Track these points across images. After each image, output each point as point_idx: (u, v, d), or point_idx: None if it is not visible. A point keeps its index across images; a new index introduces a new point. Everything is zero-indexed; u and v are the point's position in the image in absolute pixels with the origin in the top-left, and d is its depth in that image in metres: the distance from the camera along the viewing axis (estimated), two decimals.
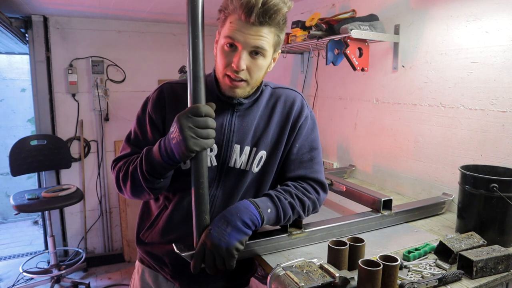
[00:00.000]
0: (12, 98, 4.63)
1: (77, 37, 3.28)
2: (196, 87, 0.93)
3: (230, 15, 0.98)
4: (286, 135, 1.15)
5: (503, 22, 1.42)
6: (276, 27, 1.00)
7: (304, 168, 1.17)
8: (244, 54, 0.98)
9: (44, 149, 3.15)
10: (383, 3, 1.96)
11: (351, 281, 0.92)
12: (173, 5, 2.78)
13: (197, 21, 0.90)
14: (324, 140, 2.53)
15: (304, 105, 1.20)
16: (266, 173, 1.16)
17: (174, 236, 1.13)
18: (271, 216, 1.05)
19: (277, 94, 1.18)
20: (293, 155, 1.17)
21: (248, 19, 0.94)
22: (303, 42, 2.07)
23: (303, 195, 1.12)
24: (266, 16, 0.95)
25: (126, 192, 1.10)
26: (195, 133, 0.90)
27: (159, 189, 1.06)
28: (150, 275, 1.24)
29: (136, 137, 1.14)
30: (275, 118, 1.15)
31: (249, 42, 0.97)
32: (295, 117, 1.17)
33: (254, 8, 0.93)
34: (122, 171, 1.08)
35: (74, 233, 3.54)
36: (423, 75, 1.77)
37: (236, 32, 0.96)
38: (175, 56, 3.63)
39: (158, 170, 0.99)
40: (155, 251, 1.17)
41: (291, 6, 1.01)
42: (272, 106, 1.16)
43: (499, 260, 1.05)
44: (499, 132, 1.46)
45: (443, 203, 1.59)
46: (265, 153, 1.14)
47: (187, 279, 1.16)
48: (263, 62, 1.02)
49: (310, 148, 1.19)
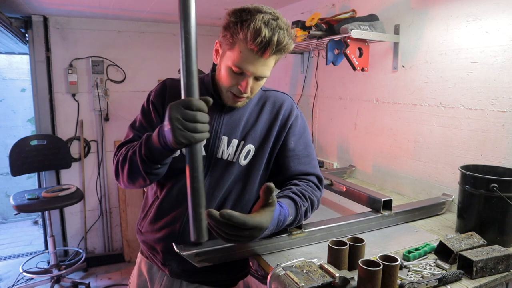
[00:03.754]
0: (12, 98, 4.63)
1: (77, 37, 3.29)
2: (188, 82, 0.92)
3: (240, 42, 1.02)
4: (275, 133, 1.21)
5: (503, 22, 1.42)
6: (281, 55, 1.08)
7: (304, 164, 1.22)
8: (250, 80, 1.07)
9: (44, 149, 3.15)
10: (383, 3, 1.96)
11: (351, 281, 0.92)
12: (173, 5, 2.78)
13: (188, 16, 0.90)
14: (324, 140, 2.53)
15: (294, 106, 1.26)
16: (254, 168, 1.20)
17: (162, 223, 1.19)
18: (289, 222, 1.08)
19: (267, 95, 1.25)
20: (291, 151, 1.21)
21: (261, 55, 1.01)
22: (303, 42, 2.07)
23: (313, 195, 1.16)
24: (277, 51, 1.03)
25: (122, 177, 1.12)
26: (182, 125, 0.90)
27: (156, 175, 1.08)
28: (146, 265, 1.31)
29: (140, 123, 1.19)
30: (264, 116, 1.21)
31: (257, 72, 1.05)
32: (285, 116, 1.22)
33: (269, 48, 1.00)
34: (122, 155, 1.11)
35: (74, 233, 3.54)
36: (423, 75, 1.77)
37: (247, 64, 1.03)
38: (175, 56, 3.63)
39: (155, 156, 1.01)
40: (148, 240, 1.23)
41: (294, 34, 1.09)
42: (262, 105, 1.23)
43: (499, 260, 1.05)
44: (499, 132, 1.46)
45: (443, 203, 1.59)
46: (253, 147, 1.19)
47: (176, 266, 1.20)
48: (263, 82, 1.13)
49: (305, 145, 1.24)
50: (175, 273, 1.22)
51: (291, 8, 2.78)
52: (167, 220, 1.18)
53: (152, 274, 1.28)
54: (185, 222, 1.16)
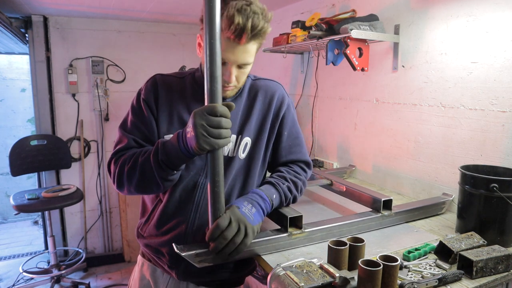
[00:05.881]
0: (12, 98, 4.63)
1: (77, 37, 3.29)
2: (212, 87, 0.95)
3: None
4: (269, 123, 1.24)
5: (503, 22, 1.42)
6: (260, 40, 1.09)
7: (294, 153, 1.29)
8: (233, 69, 1.08)
9: (44, 149, 3.15)
10: (383, 3, 1.96)
11: (351, 281, 0.92)
12: (173, 5, 2.78)
13: (213, 22, 0.93)
14: (324, 140, 2.53)
15: (285, 95, 1.29)
16: (253, 160, 1.22)
17: (168, 226, 1.18)
18: (276, 201, 1.17)
19: (257, 85, 1.27)
20: (284, 142, 1.27)
21: (238, 41, 1.02)
22: (303, 42, 2.07)
23: (295, 177, 1.24)
24: (254, 37, 1.04)
25: (129, 186, 1.10)
26: (207, 132, 0.93)
27: (171, 181, 1.09)
28: (149, 268, 1.28)
29: (133, 124, 1.17)
30: (257, 107, 1.23)
31: (239, 60, 1.06)
32: (277, 106, 1.25)
33: (244, 33, 1.01)
34: (129, 164, 1.09)
35: (74, 233, 3.54)
36: (423, 75, 1.77)
37: (227, 53, 1.04)
38: (175, 56, 3.63)
39: (173, 161, 1.02)
40: (153, 243, 1.21)
41: (271, 17, 1.09)
42: (254, 97, 1.24)
43: (499, 260, 1.05)
44: (499, 132, 1.46)
45: (443, 203, 1.59)
46: (250, 139, 1.21)
47: (183, 269, 1.19)
48: (248, 69, 1.14)
49: (297, 133, 1.30)
50: (182, 275, 1.20)
51: (291, 8, 2.78)
52: (173, 222, 1.17)
53: (156, 278, 1.26)
54: (191, 223, 1.16)
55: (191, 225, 1.16)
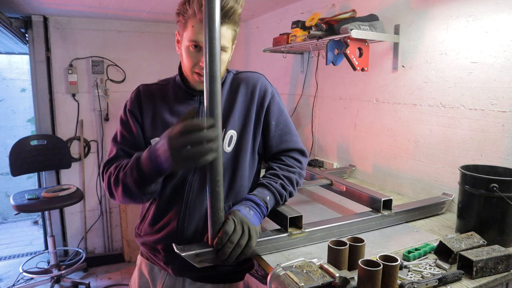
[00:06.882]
0: (12, 98, 4.63)
1: (77, 37, 3.29)
2: (212, 87, 0.95)
3: (190, 19, 1.08)
4: (253, 114, 1.23)
5: (503, 22, 1.42)
6: (233, 24, 1.11)
7: (285, 142, 1.27)
8: None
9: (44, 149, 3.15)
10: (383, 3, 1.96)
11: (351, 281, 0.92)
12: (173, 5, 2.77)
13: (213, 23, 0.93)
14: (324, 140, 2.53)
15: (267, 84, 1.28)
16: (240, 152, 1.21)
17: (161, 223, 1.21)
18: (271, 202, 1.17)
19: (239, 78, 1.27)
20: (273, 132, 1.26)
21: None
22: (303, 42, 2.07)
23: (288, 172, 1.22)
24: (224, 18, 1.05)
25: (117, 197, 1.14)
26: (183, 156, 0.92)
27: (151, 193, 1.11)
28: (147, 266, 1.31)
29: (122, 136, 1.22)
30: (239, 99, 1.23)
31: None
32: (261, 96, 1.24)
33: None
34: (113, 176, 1.12)
35: (74, 233, 3.54)
36: (423, 75, 1.77)
37: (199, 35, 1.05)
38: (175, 56, 3.61)
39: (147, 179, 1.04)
40: (149, 241, 1.24)
41: (243, 3, 1.11)
42: (235, 89, 1.24)
43: (499, 260, 1.05)
44: (499, 132, 1.46)
45: (443, 203, 1.59)
46: (235, 132, 1.21)
47: (179, 264, 1.20)
48: (225, 56, 1.14)
49: (285, 122, 1.28)
50: (178, 271, 1.22)
51: (291, 8, 2.78)
52: (165, 220, 1.20)
53: (153, 275, 1.29)
54: (182, 219, 1.18)
55: (182, 221, 1.18)
